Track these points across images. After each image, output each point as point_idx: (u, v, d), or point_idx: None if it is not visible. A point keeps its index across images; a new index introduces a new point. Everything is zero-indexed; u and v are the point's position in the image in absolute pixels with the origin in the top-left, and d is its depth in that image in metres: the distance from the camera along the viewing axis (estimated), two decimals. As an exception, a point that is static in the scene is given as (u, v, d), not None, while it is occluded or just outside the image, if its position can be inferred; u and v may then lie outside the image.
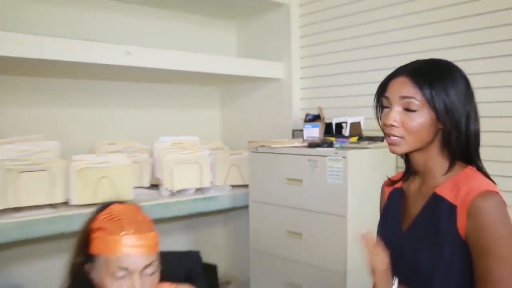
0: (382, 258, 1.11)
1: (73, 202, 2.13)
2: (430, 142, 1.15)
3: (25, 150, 2.15)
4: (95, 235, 1.18)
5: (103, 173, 2.20)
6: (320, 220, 2.14)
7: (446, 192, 1.13)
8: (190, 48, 2.73)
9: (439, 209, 1.13)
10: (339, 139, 2.30)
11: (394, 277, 1.11)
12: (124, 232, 1.15)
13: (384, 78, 1.21)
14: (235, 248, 3.22)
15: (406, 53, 2.15)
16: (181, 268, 1.60)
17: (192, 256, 1.70)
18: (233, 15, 3.13)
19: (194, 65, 2.50)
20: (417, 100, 1.10)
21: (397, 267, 1.19)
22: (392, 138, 1.15)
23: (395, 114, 1.13)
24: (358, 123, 2.33)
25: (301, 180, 2.22)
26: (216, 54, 2.71)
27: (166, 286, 1.29)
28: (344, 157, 2.02)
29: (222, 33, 3.21)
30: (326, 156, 2.10)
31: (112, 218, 1.18)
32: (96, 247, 1.17)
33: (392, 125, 1.13)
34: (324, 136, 2.41)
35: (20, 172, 2.03)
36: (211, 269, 2.79)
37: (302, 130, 2.51)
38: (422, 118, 1.11)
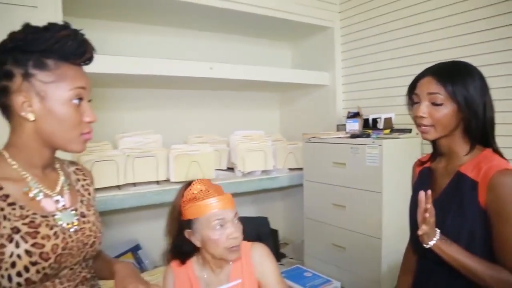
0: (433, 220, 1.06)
1: (172, 179, 2.20)
2: (454, 129, 1.11)
3: (139, 141, 2.23)
4: (188, 206, 1.19)
5: (193, 158, 2.24)
6: (360, 195, 2.10)
7: (468, 170, 1.09)
8: (256, 63, 2.74)
9: (463, 184, 1.09)
10: (375, 131, 2.24)
11: (436, 229, 1.07)
12: (212, 196, 1.17)
13: (412, 80, 1.18)
14: (291, 217, 3.20)
15: (428, 62, 2.04)
16: (253, 230, 1.62)
17: (262, 221, 1.71)
18: (289, 37, 3.12)
19: (260, 76, 2.50)
20: (441, 95, 1.07)
21: None
22: (423, 127, 1.12)
23: (424, 107, 1.10)
24: (390, 118, 2.26)
25: (344, 164, 2.19)
26: (276, 67, 2.71)
27: (244, 243, 1.29)
28: (380, 145, 1.97)
29: (280, 51, 3.20)
30: (365, 144, 2.05)
31: (200, 191, 1.20)
32: (192, 214, 1.18)
33: (421, 117, 1.11)
34: (363, 129, 2.36)
35: (136, 157, 2.10)
36: (273, 233, 2.79)
37: (344, 125, 2.47)
38: (446, 109, 1.08)
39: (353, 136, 2.22)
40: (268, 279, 1.21)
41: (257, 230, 1.66)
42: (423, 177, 1.28)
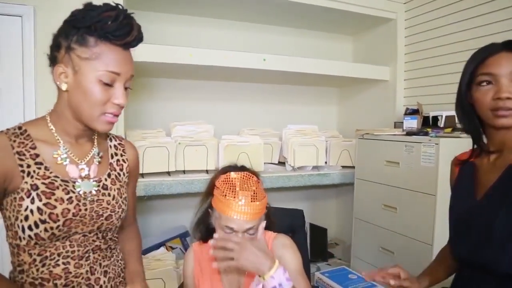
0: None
1: (221, 169, 2.25)
2: None
3: (191, 131, 2.28)
4: (215, 192, 1.17)
5: (242, 150, 2.27)
6: (413, 197, 1.96)
7: None
8: (316, 57, 2.68)
9: None
10: (434, 130, 2.07)
11: None
12: (235, 199, 1.09)
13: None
14: (342, 216, 3.10)
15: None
16: (287, 221, 1.61)
17: (297, 213, 1.68)
18: (350, 31, 3.02)
19: (319, 69, 2.45)
20: None
21: (468, 235, 1.02)
22: (504, 111, 0.94)
23: (509, 87, 0.93)
24: (453, 116, 2.06)
25: (398, 163, 2.06)
26: (336, 61, 2.62)
27: (268, 234, 1.26)
28: (436, 144, 1.82)
29: (341, 45, 3.10)
30: (420, 142, 1.91)
31: (228, 183, 1.13)
32: (214, 202, 1.17)
33: (508, 98, 0.93)
34: (422, 127, 2.19)
35: (187, 145, 2.16)
36: (322, 232, 2.74)
37: (402, 122, 2.33)
38: None
39: (409, 133, 2.08)
40: (287, 269, 1.19)
41: (291, 221, 1.63)
42: (465, 174, 1.12)
